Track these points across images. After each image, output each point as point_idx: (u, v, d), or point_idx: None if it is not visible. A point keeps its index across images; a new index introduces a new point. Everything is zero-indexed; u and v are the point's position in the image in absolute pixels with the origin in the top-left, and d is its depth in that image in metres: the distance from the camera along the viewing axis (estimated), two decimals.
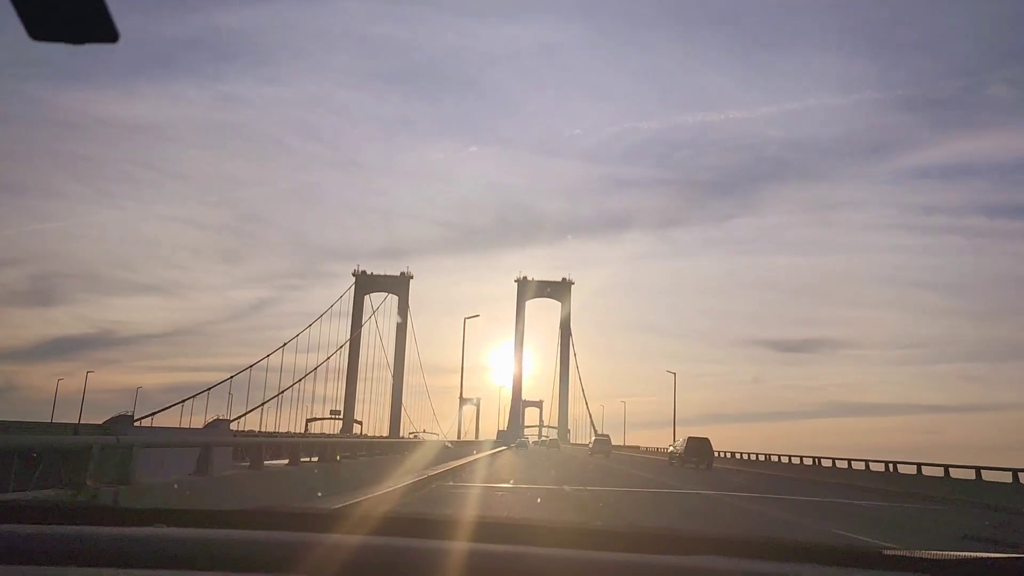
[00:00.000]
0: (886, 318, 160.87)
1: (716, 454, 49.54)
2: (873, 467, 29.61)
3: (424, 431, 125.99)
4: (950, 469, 24.46)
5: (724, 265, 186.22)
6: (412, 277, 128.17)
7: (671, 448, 56.19)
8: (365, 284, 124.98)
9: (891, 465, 28.23)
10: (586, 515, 13.78)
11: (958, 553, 1.40)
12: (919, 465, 26.41)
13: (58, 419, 70.90)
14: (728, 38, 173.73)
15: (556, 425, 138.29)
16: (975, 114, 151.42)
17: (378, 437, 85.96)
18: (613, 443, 76.88)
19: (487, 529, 1.41)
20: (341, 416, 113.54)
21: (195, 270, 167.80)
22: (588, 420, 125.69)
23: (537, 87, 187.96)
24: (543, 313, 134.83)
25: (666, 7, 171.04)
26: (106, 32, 1.16)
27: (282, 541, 1.33)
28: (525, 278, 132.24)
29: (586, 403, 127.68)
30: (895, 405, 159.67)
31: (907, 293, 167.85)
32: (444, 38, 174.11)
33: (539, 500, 16.79)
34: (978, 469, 23.12)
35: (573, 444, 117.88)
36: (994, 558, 1.38)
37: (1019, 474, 21.52)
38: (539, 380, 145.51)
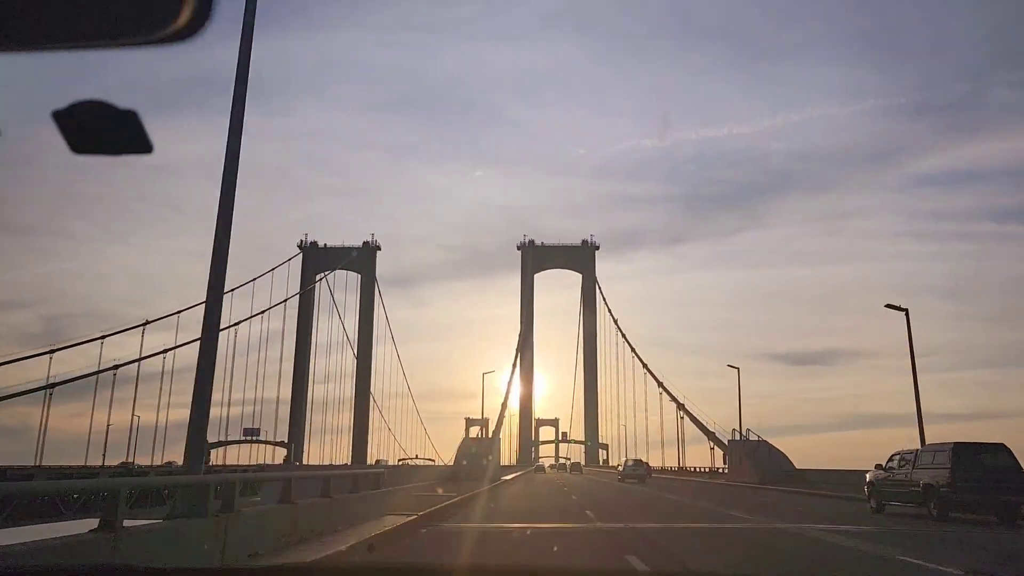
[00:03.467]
0: (899, 327, 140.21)
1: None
2: None
3: (417, 457, 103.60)
4: None
5: (733, 279, 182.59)
6: (379, 248, 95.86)
7: (890, 464, 22.36)
8: (316, 261, 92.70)
9: None
10: None
11: None
12: None
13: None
14: (728, 51, 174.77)
15: (583, 440, 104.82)
16: (980, 118, 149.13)
17: (321, 467, 54.29)
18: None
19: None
20: (266, 439, 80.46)
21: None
22: (675, 423, 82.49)
23: (541, 107, 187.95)
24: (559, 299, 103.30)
25: (665, 23, 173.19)
26: (141, 145, 1.37)
27: None
28: (532, 242, 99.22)
29: (670, 397, 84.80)
30: (912, 415, 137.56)
31: (919, 300, 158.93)
32: (446, 63, 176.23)
33: None
34: None
35: (614, 468, 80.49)
36: None
37: None
38: (555, 394, 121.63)
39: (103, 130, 1.27)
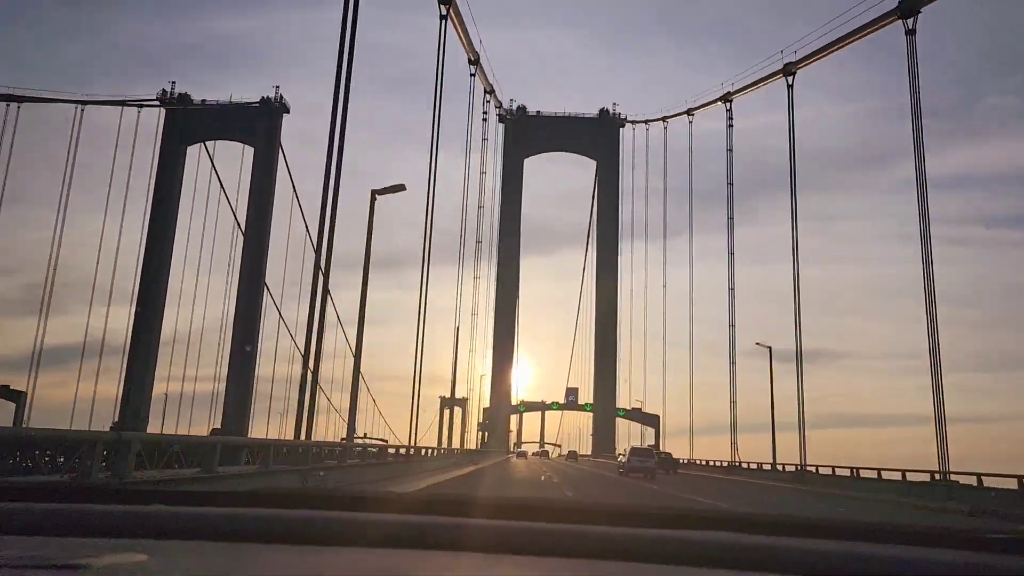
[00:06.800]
0: (886, 329, 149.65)
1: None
2: None
3: (365, 436, 79.56)
4: None
5: (722, 275, 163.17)
6: (288, 110, 62.67)
7: None
8: (186, 124, 59.80)
9: None
10: None
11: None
12: None
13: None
14: (725, 46, 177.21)
15: (592, 403, 73.36)
16: (973, 123, 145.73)
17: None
18: None
19: (506, 508, 1.50)
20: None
21: (190, 278, 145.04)
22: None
23: (533, 94, 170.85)
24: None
25: (661, 15, 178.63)
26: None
27: (272, 517, 1.48)
28: (522, 108, 65.79)
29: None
30: (897, 416, 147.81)
31: (906, 304, 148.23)
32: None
33: None
34: None
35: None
36: None
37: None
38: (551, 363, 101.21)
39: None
